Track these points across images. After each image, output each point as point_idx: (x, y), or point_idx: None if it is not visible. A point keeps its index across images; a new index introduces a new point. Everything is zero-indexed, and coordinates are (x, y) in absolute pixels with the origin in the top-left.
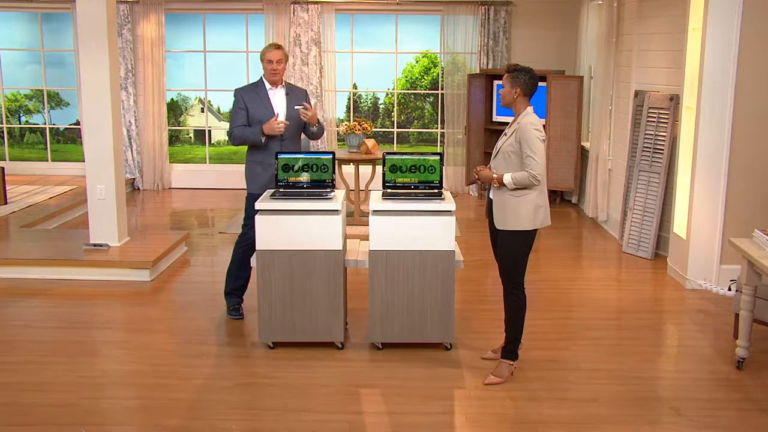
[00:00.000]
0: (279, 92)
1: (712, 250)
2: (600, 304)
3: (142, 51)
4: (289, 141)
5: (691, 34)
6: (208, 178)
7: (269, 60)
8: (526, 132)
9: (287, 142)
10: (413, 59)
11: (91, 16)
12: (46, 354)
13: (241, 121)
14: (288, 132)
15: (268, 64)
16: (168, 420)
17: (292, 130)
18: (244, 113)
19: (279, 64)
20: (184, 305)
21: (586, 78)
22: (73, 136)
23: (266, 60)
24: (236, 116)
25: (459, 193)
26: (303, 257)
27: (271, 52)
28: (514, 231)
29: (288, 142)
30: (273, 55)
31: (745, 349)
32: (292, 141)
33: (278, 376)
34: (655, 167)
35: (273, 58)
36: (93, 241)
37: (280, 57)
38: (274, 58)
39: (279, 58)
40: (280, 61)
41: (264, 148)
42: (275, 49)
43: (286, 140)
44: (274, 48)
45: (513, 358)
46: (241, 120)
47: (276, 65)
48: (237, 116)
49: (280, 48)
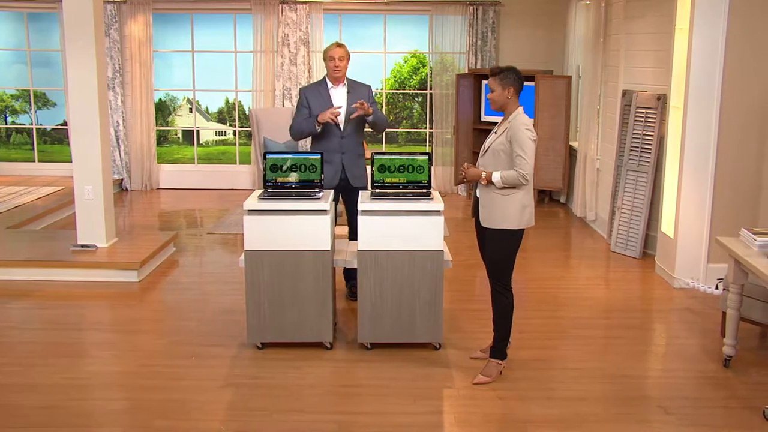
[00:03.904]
0: (340, 89)
1: (700, 249)
2: (588, 303)
3: (129, 51)
4: (349, 137)
5: (677, 34)
6: (196, 179)
7: (332, 57)
8: (518, 131)
9: (347, 138)
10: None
11: (78, 16)
12: (34, 355)
13: (303, 118)
14: (348, 128)
15: (330, 62)
16: (156, 421)
17: (352, 126)
18: (306, 111)
19: (341, 61)
20: (173, 306)
21: (575, 78)
22: (60, 137)
23: (329, 57)
24: (299, 113)
25: (448, 193)
26: (291, 257)
27: (334, 49)
28: (501, 230)
29: (348, 139)
30: (335, 52)
31: (732, 347)
32: (352, 137)
33: (267, 377)
34: (642, 167)
35: (335, 56)
36: (80, 242)
37: (342, 55)
38: (336, 56)
39: (341, 56)
40: (342, 58)
41: (323, 144)
42: (337, 47)
43: (346, 137)
44: (336, 46)
45: (501, 358)
46: (303, 116)
47: (338, 62)
48: (299, 113)
49: (342, 46)
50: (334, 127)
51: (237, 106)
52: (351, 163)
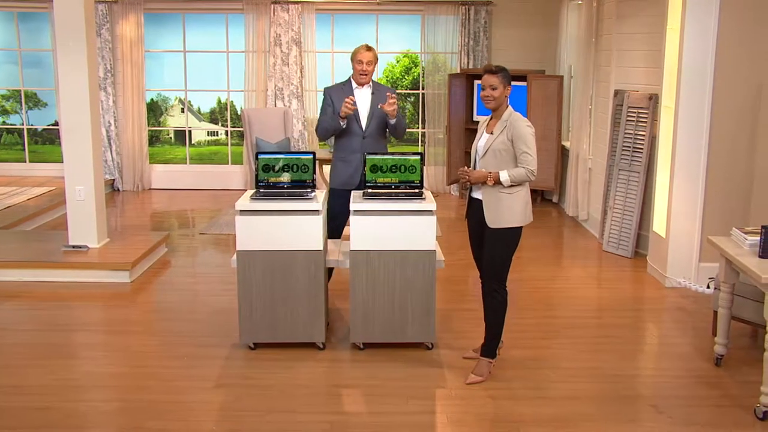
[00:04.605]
0: (364, 91)
1: (691, 249)
2: (580, 302)
3: (121, 51)
4: (371, 138)
5: (669, 33)
6: (188, 179)
7: (359, 60)
8: (520, 129)
9: (368, 139)
10: (394, 59)
11: (69, 16)
12: (25, 357)
13: (327, 116)
14: (370, 129)
15: (358, 65)
16: (148, 422)
17: (374, 127)
18: (331, 110)
19: (369, 65)
20: (164, 307)
21: (566, 77)
22: (51, 137)
23: (357, 60)
24: (323, 112)
25: (440, 193)
26: (283, 258)
27: (363, 53)
28: (507, 229)
29: (369, 140)
30: (364, 56)
31: (724, 347)
32: (374, 139)
33: (259, 377)
34: (634, 166)
35: (363, 59)
36: (72, 242)
37: (370, 59)
38: (364, 59)
39: (369, 60)
40: (370, 62)
41: (345, 144)
42: (366, 50)
43: (368, 137)
44: (365, 49)
45: (492, 356)
46: (327, 115)
47: (366, 66)
48: (324, 112)
49: (371, 50)
50: (356, 127)
51: (229, 106)
52: None
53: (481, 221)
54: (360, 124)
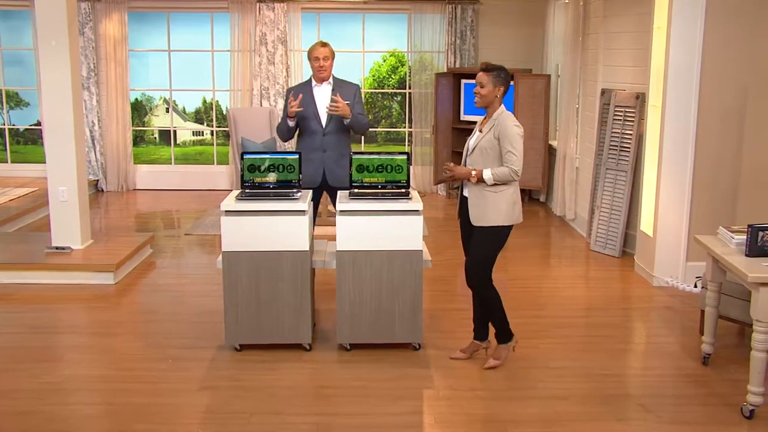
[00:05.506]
0: (324, 88)
1: (679, 248)
2: (568, 302)
3: (104, 50)
4: (332, 136)
5: (655, 32)
6: (173, 179)
7: (315, 57)
8: (507, 128)
9: (329, 137)
10: (380, 58)
11: (51, 14)
12: (8, 360)
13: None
14: (330, 126)
15: (315, 62)
16: (133, 425)
17: (335, 124)
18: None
19: (325, 61)
20: (149, 308)
21: (554, 77)
22: (33, 137)
23: (313, 57)
24: (283, 113)
25: (427, 193)
26: (270, 258)
27: (318, 49)
28: (492, 227)
29: (330, 137)
30: (320, 52)
31: (711, 345)
32: (335, 136)
33: (245, 379)
34: (621, 165)
35: (320, 55)
36: (55, 244)
37: (326, 54)
38: (320, 55)
39: (325, 55)
40: (327, 58)
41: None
42: (322, 46)
43: (329, 135)
44: (320, 46)
45: (507, 340)
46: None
47: (323, 62)
48: (284, 113)
49: (326, 45)
50: (316, 125)
51: (214, 106)
52: (333, 162)
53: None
54: (320, 121)
